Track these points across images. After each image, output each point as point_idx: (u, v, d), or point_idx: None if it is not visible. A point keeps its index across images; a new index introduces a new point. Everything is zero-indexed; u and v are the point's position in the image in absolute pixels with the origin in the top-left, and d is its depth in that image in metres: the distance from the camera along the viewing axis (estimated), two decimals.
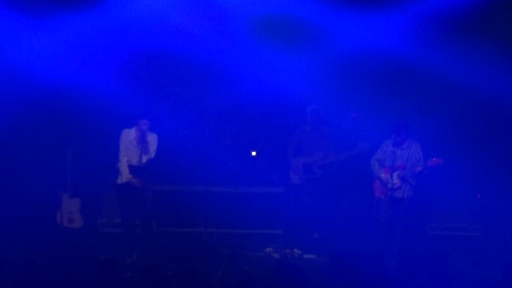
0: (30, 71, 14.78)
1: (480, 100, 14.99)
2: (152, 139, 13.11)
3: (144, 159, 13.01)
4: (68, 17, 14.70)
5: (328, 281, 9.71)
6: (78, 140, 14.95)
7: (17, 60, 14.76)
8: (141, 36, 15.03)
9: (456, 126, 15.21)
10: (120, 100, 14.80)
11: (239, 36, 15.03)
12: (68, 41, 14.87)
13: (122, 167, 13.10)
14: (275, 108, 15.52)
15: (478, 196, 14.88)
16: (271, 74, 15.33)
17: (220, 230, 14.57)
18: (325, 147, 14.36)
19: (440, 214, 14.86)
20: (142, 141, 12.98)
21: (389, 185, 12.90)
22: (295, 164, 14.47)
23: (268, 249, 13.69)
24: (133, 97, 14.79)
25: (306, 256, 13.48)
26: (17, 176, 14.96)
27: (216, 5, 15.00)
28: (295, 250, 13.58)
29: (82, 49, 14.98)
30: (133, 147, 13.08)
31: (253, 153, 15.50)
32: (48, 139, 15.13)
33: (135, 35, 15.01)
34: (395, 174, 12.88)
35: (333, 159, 14.39)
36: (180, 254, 11.87)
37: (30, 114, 15.01)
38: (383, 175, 12.99)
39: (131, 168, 13.04)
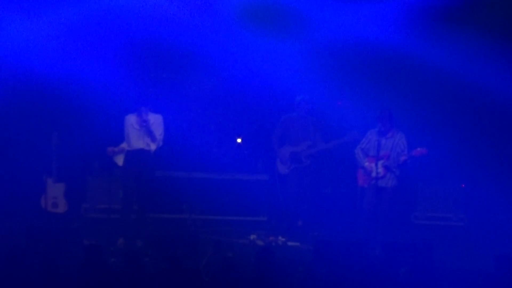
0: (15, 55, 14.71)
1: (466, 90, 15.02)
2: (156, 120, 13.04)
3: (152, 146, 12.96)
4: (55, 2, 14.63)
5: (312, 269, 9.70)
6: (63, 125, 14.90)
7: (1, 44, 14.68)
8: (127, 22, 14.97)
9: (441, 116, 15.25)
10: (105, 85, 14.76)
11: (226, 23, 14.99)
12: (54, 25, 14.80)
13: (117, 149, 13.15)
14: (260, 95, 15.50)
15: (463, 186, 14.93)
16: (258, 62, 15.30)
17: (204, 217, 14.56)
18: (312, 136, 14.30)
19: (424, 204, 14.90)
20: (143, 124, 12.92)
21: (373, 174, 12.93)
22: (282, 153, 14.37)
23: (252, 236, 13.68)
24: (118, 82, 14.74)
25: (290, 243, 13.48)
26: (1, 161, 14.90)
27: None
28: (279, 237, 13.57)
29: (68, 34, 14.91)
30: (135, 131, 13.00)
31: (239, 140, 15.49)
32: (33, 124, 15.08)
33: (122, 22, 14.94)
34: (379, 163, 12.90)
35: (321, 147, 14.33)
36: (164, 240, 11.86)
37: (15, 99, 14.95)
38: (367, 164, 13.01)
39: (136, 152, 12.97)
